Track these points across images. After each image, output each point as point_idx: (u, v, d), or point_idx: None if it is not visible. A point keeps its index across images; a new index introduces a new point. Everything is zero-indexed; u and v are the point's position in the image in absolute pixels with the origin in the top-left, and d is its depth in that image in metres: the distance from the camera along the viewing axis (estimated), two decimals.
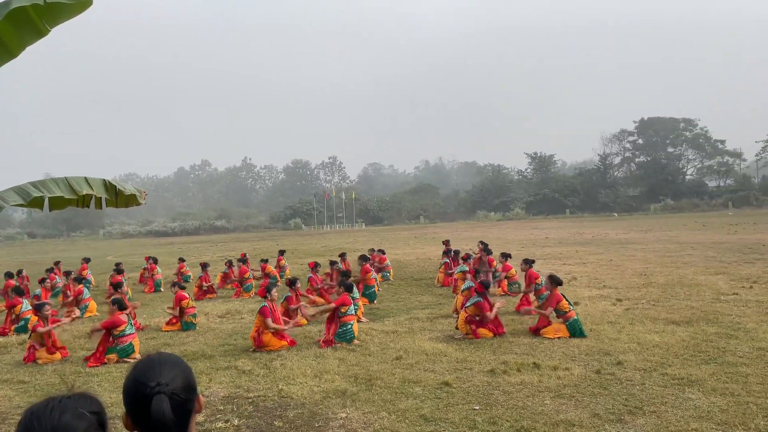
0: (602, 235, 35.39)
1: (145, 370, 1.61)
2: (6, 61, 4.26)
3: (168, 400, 1.54)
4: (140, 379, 1.58)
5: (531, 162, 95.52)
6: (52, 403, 1.44)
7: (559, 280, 9.83)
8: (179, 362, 1.67)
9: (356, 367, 7.93)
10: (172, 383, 1.58)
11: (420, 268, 20.66)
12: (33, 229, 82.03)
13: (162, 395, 1.54)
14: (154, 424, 1.53)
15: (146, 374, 1.59)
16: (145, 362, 1.65)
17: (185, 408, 1.60)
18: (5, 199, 4.55)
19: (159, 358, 1.66)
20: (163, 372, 1.59)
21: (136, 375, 1.61)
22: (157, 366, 1.62)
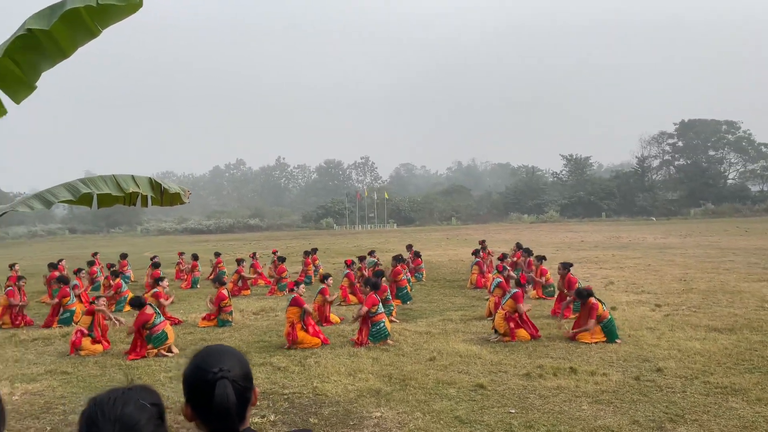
0: (640, 239, 34.66)
1: (206, 357, 1.63)
2: (59, 60, 4.41)
3: (231, 385, 1.56)
4: (202, 366, 1.60)
5: (566, 164, 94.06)
6: (115, 394, 1.47)
7: (589, 293, 9.52)
8: (237, 352, 1.70)
9: (390, 367, 7.95)
10: (234, 370, 1.60)
11: (452, 270, 20.57)
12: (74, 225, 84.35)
13: (225, 380, 1.56)
14: (217, 409, 1.54)
15: (207, 361, 1.61)
16: (206, 351, 1.67)
17: (244, 396, 1.62)
18: (55, 195, 4.70)
19: (219, 347, 1.69)
20: (223, 359, 1.61)
21: (197, 362, 1.63)
22: (217, 354, 1.64)
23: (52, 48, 4.28)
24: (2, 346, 10.43)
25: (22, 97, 4.41)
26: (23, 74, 4.30)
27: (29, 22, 4.20)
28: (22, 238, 71.47)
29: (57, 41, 4.25)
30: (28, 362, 9.14)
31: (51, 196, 4.67)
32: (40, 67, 4.40)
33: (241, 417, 1.60)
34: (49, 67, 4.44)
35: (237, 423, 1.58)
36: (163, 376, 7.98)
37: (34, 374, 8.30)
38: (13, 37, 4.24)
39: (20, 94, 4.39)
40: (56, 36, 4.22)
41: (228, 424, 1.56)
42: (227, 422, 1.56)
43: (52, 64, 4.41)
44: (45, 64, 4.40)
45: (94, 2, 4.03)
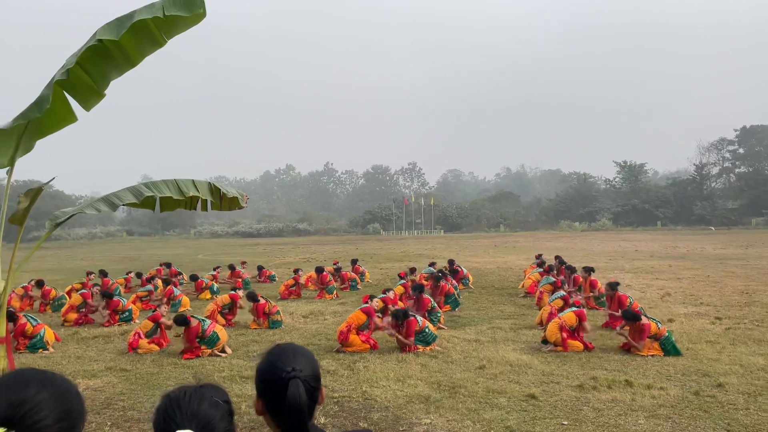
0: (698, 249, 33.41)
1: (281, 355, 1.71)
2: (127, 69, 4.60)
3: (302, 385, 1.63)
4: (277, 364, 1.68)
5: (620, 171, 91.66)
6: (189, 391, 1.52)
7: (636, 317, 9.14)
8: (309, 353, 1.77)
9: (439, 374, 7.90)
10: (305, 370, 1.67)
11: (501, 278, 20.31)
12: (131, 227, 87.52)
13: (298, 380, 1.63)
14: (288, 407, 1.61)
15: (282, 359, 1.69)
16: (280, 349, 1.75)
17: (313, 395, 1.69)
18: (121, 198, 4.90)
19: (292, 347, 1.77)
20: (296, 359, 1.69)
21: (271, 359, 1.71)
22: (291, 353, 1.72)
23: (121, 57, 4.48)
24: (65, 342, 10.89)
25: (92, 105, 4.63)
26: (93, 83, 4.51)
27: (100, 32, 4.41)
28: (82, 239, 74.61)
29: (125, 51, 4.44)
30: (89, 359, 9.51)
31: (116, 199, 4.87)
32: (109, 76, 4.60)
33: (309, 415, 1.67)
34: (117, 76, 4.64)
35: (306, 420, 1.65)
36: (216, 375, 8.16)
37: (94, 370, 8.63)
38: (85, 47, 4.45)
39: (90, 102, 4.61)
40: (125, 46, 4.42)
41: (298, 421, 1.63)
42: (297, 419, 1.63)
43: (120, 73, 4.62)
44: (114, 73, 4.61)
45: (161, 13, 4.20)
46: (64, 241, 68.60)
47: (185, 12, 4.25)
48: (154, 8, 4.24)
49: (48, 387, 1.27)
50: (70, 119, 4.74)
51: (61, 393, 1.29)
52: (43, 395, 1.25)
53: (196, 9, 4.27)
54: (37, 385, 1.26)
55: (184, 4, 4.26)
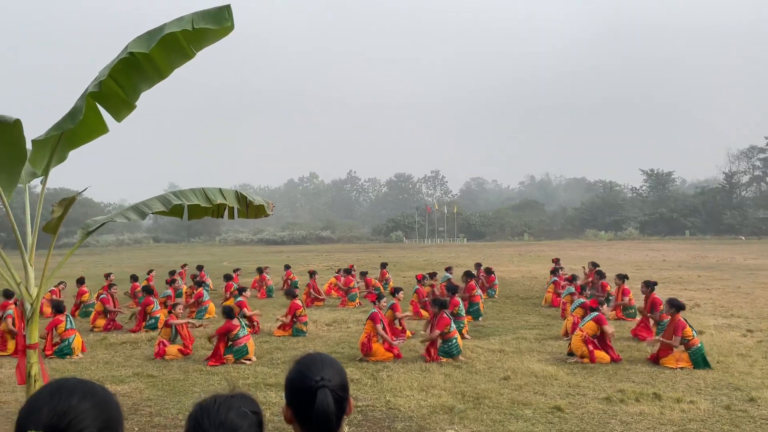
0: (728, 259, 32.70)
1: (310, 365, 1.73)
2: (157, 81, 4.71)
3: (331, 395, 1.66)
4: (306, 373, 1.70)
5: (646, 179, 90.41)
6: (219, 400, 1.55)
7: (680, 305, 9.15)
8: (337, 363, 1.79)
9: (463, 384, 7.85)
10: (334, 380, 1.70)
11: (525, 287, 20.14)
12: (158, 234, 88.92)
13: (326, 389, 1.66)
14: (317, 416, 1.64)
15: (311, 369, 1.71)
16: (309, 359, 1.78)
17: (341, 405, 1.71)
18: (150, 206, 4.99)
19: (321, 356, 1.79)
20: (325, 368, 1.71)
21: (301, 369, 1.74)
22: (320, 362, 1.74)
23: (151, 70, 4.58)
24: (94, 348, 11.09)
25: (123, 116, 4.73)
26: (125, 94, 4.62)
27: (131, 45, 4.52)
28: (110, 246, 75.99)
29: (156, 63, 4.54)
30: (117, 364, 9.67)
31: (146, 207, 4.97)
32: (140, 88, 4.71)
33: (337, 424, 1.69)
34: (147, 88, 4.74)
35: (334, 430, 1.67)
36: (241, 383, 8.23)
37: (122, 376, 8.77)
38: (116, 59, 4.56)
39: (121, 114, 4.72)
40: (155, 58, 4.52)
41: (326, 430, 1.65)
42: (325, 428, 1.65)
43: (150, 84, 4.72)
44: (144, 85, 4.71)
45: (190, 26, 4.29)
46: (93, 248, 69.94)
47: (214, 25, 4.34)
48: (184, 21, 4.34)
49: (90, 397, 1.30)
50: (102, 130, 4.86)
51: (103, 403, 1.32)
52: (85, 405, 1.28)
53: (225, 22, 4.35)
54: (80, 394, 1.29)
55: (213, 17, 4.35)
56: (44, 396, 1.27)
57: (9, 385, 8.38)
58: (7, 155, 4.38)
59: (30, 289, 5.05)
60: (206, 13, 4.35)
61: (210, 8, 4.39)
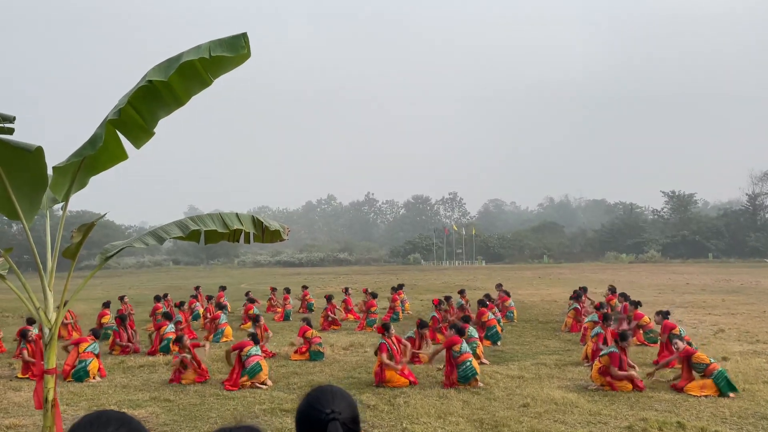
0: (753, 283, 31.99)
1: (320, 397, 1.72)
2: (175, 108, 4.78)
3: (341, 428, 1.64)
4: (316, 406, 1.69)
5: (668, 201, 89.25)
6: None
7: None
8: (348, 395, 1.77)
9: (481, 411, 7.72)
10: (344, 413, 1.68)
11: (545, 311, 19.87)
12: (177, 257, 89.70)
13: (336, 422, 1.64)
14: None
15: (321, 401, 1.70)
16: (320, 390, 1.76)
17: None
18: (168, 231, 5.04)
19: (331, 388, 1.77)
20: (335, 401, 1.70)
21: (311, 401, 1.72)
22: (330, 395, 1.72)
23: (169, 97, 4.66)
24: (111, 371, 11.13)
25: (142, 143, 4.81)
26: (144, 122, 4.70)
27: (150, 74, 4.60)
28: (131, 268, 76.82)
29: (174, 91, 4.62)
30: (134, 388, 9.68)
31: (164, 233, 5.01)
32: (158, 115, 4.78)
33: None
34: (165, 115, 4.82)
35: None
36: (257, 408, 8.18)
37: (139, 400, 8.77)
38: (136, 87, 4.65)
39: (141, 140, 4.80)
40: (173, 86, 4.59)
41: None
42: None
43: (168, 111, 4.80)
44: (162, 112, 4.79)
45: (208, 54, 4.36)
46: (114, 270, 70.74)
47: (230, 53, 4.41)
48: (201, 50, 4.42)
49: (125, 427, 1.42)
50: (121, 157, 4.94)
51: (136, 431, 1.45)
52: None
53: (241, 50, 4.43)
54: (116, 424, 1.41)
55: (230, 45, 4.43)
56: (84, 424, 1.40)
57: (28, 408, 8.43)
58: (29, 182, 4.46)
59: (48, 314, 5.09)
60: (223, 41, 4.43)
61: (227, 36, 4.47)
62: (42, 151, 4.19)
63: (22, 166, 4.28)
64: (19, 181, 4.43)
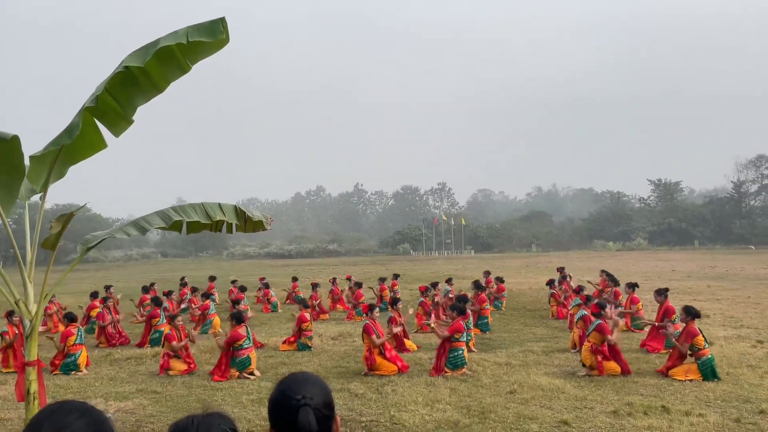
0: (737, 269, 32.37)
1: (291, 384, 1.71)
2: (153, 95, 4.71)
3: (313, 413, 1.62)
4: (287, 392, 1.68)
5: (654, 189, 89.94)
6: (197, 420, 1.51)
7: (696, 313, 8.99)
8: (320, 381, 1.76)
9: (468, 398, 7.75)
10: (316, 398, 1.66)
11: (533, 299, 19.98)
12: (165, 249, 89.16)
13: (307, 408, 1.63)
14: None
15: (292, 388, 1.68)
16: (291, 377, 1.75)
17: (326, 424, 1.67)
18: (150, 222, 4.98)
19: (303, 375, 1.76)
20: (307, 387, 1.69)
21: (282, 388, 1.71)
22: (301, 381, 1.71)
23: (147, 84, 4.58)
24: (99, 364, 11.05)
25: (120, 131, 4.73)
26: (122, 109, 4.62)
27: (127, 60, 4.52)
28: (119, 261, 76.26)
29: (152, 77, 4.54)
30: (121, 380, 9.62)
31: (146, 223, 4.95)
32: (136, 102, 4.71)
33: None
34: (144, 102, 4.74)
35: None
36: (245, 398, 8.16)
37: (126, 392, 8.72)
38: (113, 74, 4.57)
39: (119, 129, 4.72)
40: (151, 72, 4.52)
41: None
42: None
43: (147, 99, 4.72)
44: (141, 99, 4.71)
45: (185, 40, 4.29)
46: (101, 263, 70.18)
47: (208, 38, 4.33)
48: (179, 35, 4.34)
49: (86, 417, 1.44)
50: (100, 145, 4.86)
51: (98, 423, 1.46)
52: (80, 423, 1.41)
53: (219, 35, 4.34)
54: (77, 414, 1.43)
55: (207, 30, 4.34)
56: (45, 414, 1.43)
57: (12, 401, 8.35)
58: (5, 172, 4.38)
59: (29, 306, 5.03)
60: (200, 26, 4.35)
61: (204, 21, 4.40)
62: (18, 139, 4.11)
63: None
64: None
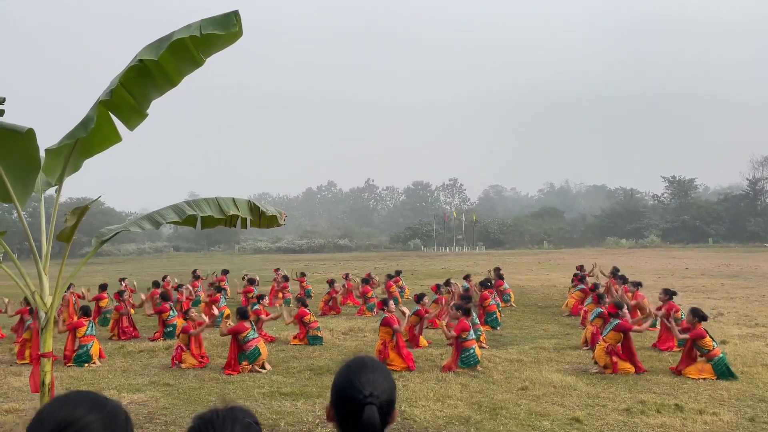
0: (752, 267, 32.01)
1: (360, 373, 1.67)
2: (167, 89, 4.72)
3: (377, 411, 1.61)
4: (355, 383, 1.65)
5: (668, 186, 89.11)
6: (222, 413, 1.49)
7: (703, 316, 8.92)
8: (388, 374, 1.73)
9: (479, 395, 7.73)
10: (383, 396, 1.64)
11: (545, 295, 19.89)
12: (178, 243, 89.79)
13: (374, 407, 1.61)
14: (362, 429, 1.60)
15: (361, 379, 1.65)
16: (360, 363, 1.71)
17: (385, 420, 1.66)
18: (164, 216, 5.00)
19: (372, 363, 1.72)
20: (376, 381, 1.65)
21: (351, 377, 1.67)
22: (371, 373, 1.67)
23: (161, 77, 4.59)
24: (112, 356, 11.16)
25: (135, 125, 4.75)
26: (136, 103, 4.64)
27: (141, 53, 4.54)
28: (131, 254, 76.92)
29: (166, 71, 4.55)
30: (134, 373, 9.70)
31: (160, 217, 4.98)
32: (151, 96, 4.72)
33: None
34: (158, 96, 4.75)
35: None
36: (256, 391, 8.20)
37: (139, 384, 8.79)
38: (127, 68, 4.58)
39: (134, 122, 4.74)
40: (165, 66, 4.52)
41: None
42: None
43: (161, 92, 4.73)
44: (155, 93, 4.72)
45: (198, 33, 4.29)
46: (114, 257, 70.85)
47: (221, 30, 4.33)
48: (192, 28, 4.34)
49: (98, 410, 1.30)
50: (115, 139, 4.88)
51: (111, 417, 1.32)
52: (92, 417, 1.27)
53: (232, 28, 4.34)
54: (88, 407, 1.29)
55: (220, 23, 4.34)
56: (53, 407, 1.28)
57: (28, 393, 8.44)
58: (21, 165, 4.42)
59: (44, 298, 5.07)
60: (214, 20, 4.35)
61: (217, 14, 4.40)
62: (33, 132, 4.14)
63: (13, 148, 4.23)
64: (11, 164, 4.38)
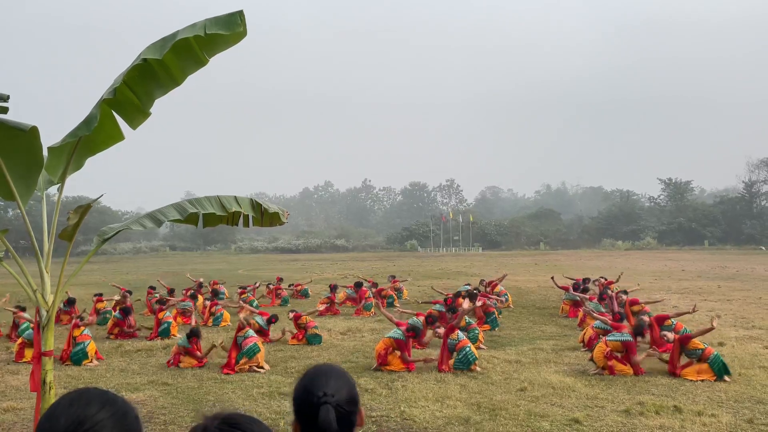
0: (748, 270, 32.13)
1: (314, 379, 1.68)
2: (171, 88, 4.72)
3: (333, 411, 1.60)
4: (309, 388, 1.65)
5: (664, 188, 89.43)
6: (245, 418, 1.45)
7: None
8: (344, 375, 1.73)
9: (478, 395, 7.74)
10: (338, 395, 1.63)
11: (542, 297, 19.92)
12: (174, 242, 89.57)
13: (328, 405, 1.60)
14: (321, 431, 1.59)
15: (314, 383, 1.66)
16: (314, 372, 1.72)
17: (348, 420, 1.65)
18: (165, 214, 4.99)
19: (327, 369, 1.73)
20: (330, 382, 1.65)
21: (305, 383, 1.69)
22: (324, 376, 1.68)
23: (165, 76, 4.59)
24: (109, 355, 11.12)
25: (138, 124, 4.75)
26: (139, 102, 4.63)
27: (145, 52, 4.53)
28: (127, 253, 76.75)
29: (169, 70, 4.55)
30: (132, 372, 9.68)
31: (161, 215, 4.97)
32: (154, 95, 4.72)
33: None
34: (162, 95, 4.75)
35: None
36: (255, 391, 8.19)
37: (137, 384, 8.77)
38: (131, 66, 4.58)
39: (136, 121, 4.73)
40: (168, 65, 4.52)
41: None
42: None
43: (164, 91, 4.73)
44: (158, 92, 4.72)
45: (203, 32, 4.29)
46: (110, 256, 70.63)
47: (226, 30, 4.33)
48: (196, 27, 4.34)
49: (109, 407, 1.31)
50: (118, 137, 4.88)
51: (121, 414, 1.32)
52: (103, 415, 1.28)
53: (236, 27, 4.34)
54: (99, 404, 1.30)
55: (225, 23, 4.34)
56: (64, 404, 1.28)
57: (26, 391, 8.41)
58: (24, 163, 4.41)
59: (46, 296, 5.06)
60: (219, 19, 4.35)
61: (222, 14, 4.40)
62: (37, 130, 4.13)
63: (16, 146, 4.22)
64: (14, 162, 4.37)
